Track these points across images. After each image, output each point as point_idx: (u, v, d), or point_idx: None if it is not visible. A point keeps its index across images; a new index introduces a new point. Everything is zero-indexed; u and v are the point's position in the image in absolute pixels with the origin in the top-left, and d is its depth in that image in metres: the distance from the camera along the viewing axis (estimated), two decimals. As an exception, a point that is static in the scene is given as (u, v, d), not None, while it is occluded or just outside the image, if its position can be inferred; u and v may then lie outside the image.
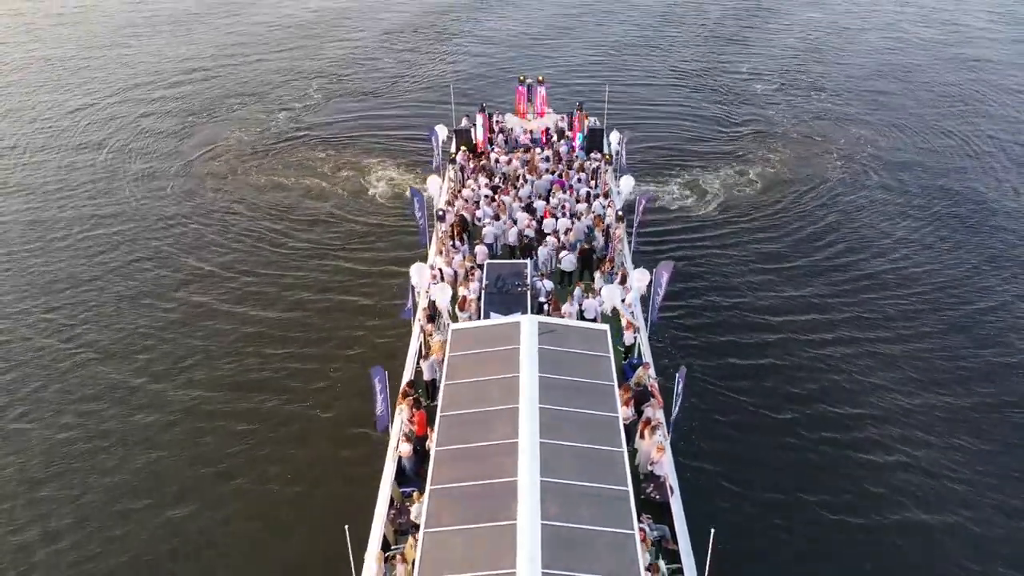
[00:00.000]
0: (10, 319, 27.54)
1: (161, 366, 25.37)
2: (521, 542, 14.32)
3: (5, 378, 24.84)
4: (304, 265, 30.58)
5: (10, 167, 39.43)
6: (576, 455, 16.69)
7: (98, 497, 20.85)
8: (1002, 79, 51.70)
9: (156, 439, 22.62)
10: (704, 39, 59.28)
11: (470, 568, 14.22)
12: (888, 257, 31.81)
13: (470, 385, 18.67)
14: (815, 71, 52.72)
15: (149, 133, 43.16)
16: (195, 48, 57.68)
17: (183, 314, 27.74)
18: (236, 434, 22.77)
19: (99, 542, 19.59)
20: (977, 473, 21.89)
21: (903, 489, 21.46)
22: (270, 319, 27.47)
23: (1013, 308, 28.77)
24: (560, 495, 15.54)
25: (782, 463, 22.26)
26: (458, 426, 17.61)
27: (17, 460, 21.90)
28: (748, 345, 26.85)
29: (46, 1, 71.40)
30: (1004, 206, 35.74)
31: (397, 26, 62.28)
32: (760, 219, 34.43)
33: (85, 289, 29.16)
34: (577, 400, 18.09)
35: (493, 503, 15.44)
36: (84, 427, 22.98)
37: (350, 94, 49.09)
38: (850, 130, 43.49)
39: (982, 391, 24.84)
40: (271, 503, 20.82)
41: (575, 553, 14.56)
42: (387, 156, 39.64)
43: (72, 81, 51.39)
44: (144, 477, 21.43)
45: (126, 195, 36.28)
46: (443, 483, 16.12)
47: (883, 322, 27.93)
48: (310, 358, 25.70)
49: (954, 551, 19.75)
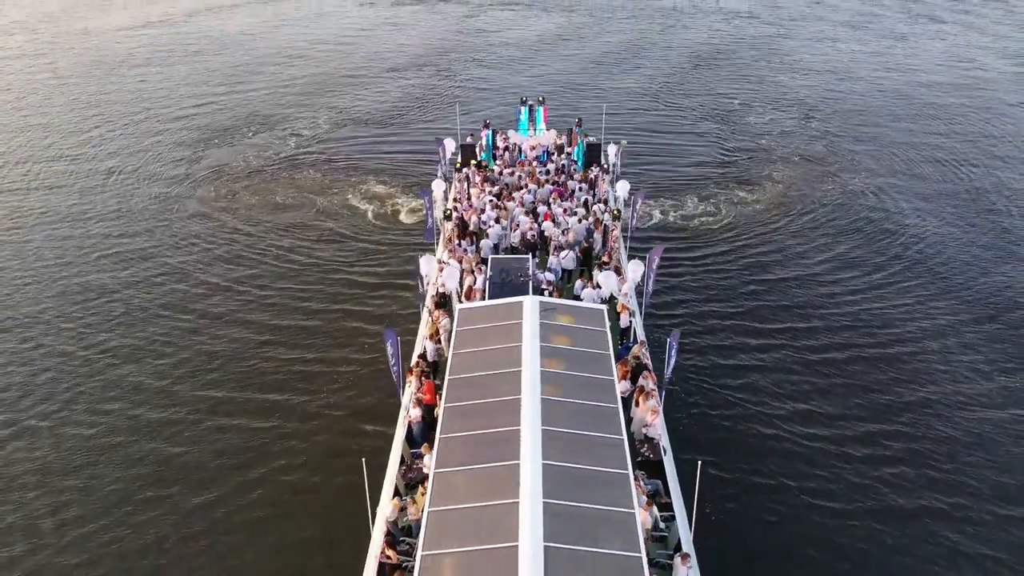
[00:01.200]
0: (42, 326, 28.56)
1: (183, 368, 26.08)
2: (524, 478, 15.29)
3: (38, 380, 25.80)
4: (313, 278, 31.60)
5: (30, 186, 41.15)
6: (575, 411, 17.79)
7: (126, 486, 21.58)
8: (990, 103, 53.89)
9: (179, 435, 23.33)
10: (696, 71, 61.61)
11: (476, 500, 15.32)
12: (879, 264, 33.18)
13: (476, 354, 19.93)
14: (807, 101, 54.87)
15: (163, 158, 44.88)
16: (208, 80, 60.04)
17: (199, 323, 28.60)
18: (254, 429, 23.42)
19: (130, 526, 20.19)
20: (963, 464, 22.63)
21: (891, 471, 22.38)
22: (282, 326, 28.43)
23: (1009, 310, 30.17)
24: (560, 441, 16.63)
25: (766, 436, 23.50)
26: (465, 387, 18.81)
27: (52, 453, 22.63)
28: (735, 321, 28.74)
29: (63, 25, 74.33)
30: (995, 222, 37.51)
31: (402, 63, 64.78)
32: (755, 228, 36.00)
33: (107, 301, 30.03)
34: (576, 366, 19.36)
35: (498, 448, 16.39)
36: (109, 423, 23.73)
37: (356, 122, 51.10)
38: (841, 154, 45.41)
39: (967, 389, 25.66)
40: (288, 487, 21.73)
41: (573, 488, 15.72)
42: (392, 178, 41.28)
43: (88, 105, 53.60)
44: (170, 468, 22.15)
45: (142, 215, 37.61)
46: (452, 433, 17.30)
47: (865, 325, 29.22)
48: (321, 361, 26.64)
49: (936, 536, 20.39)
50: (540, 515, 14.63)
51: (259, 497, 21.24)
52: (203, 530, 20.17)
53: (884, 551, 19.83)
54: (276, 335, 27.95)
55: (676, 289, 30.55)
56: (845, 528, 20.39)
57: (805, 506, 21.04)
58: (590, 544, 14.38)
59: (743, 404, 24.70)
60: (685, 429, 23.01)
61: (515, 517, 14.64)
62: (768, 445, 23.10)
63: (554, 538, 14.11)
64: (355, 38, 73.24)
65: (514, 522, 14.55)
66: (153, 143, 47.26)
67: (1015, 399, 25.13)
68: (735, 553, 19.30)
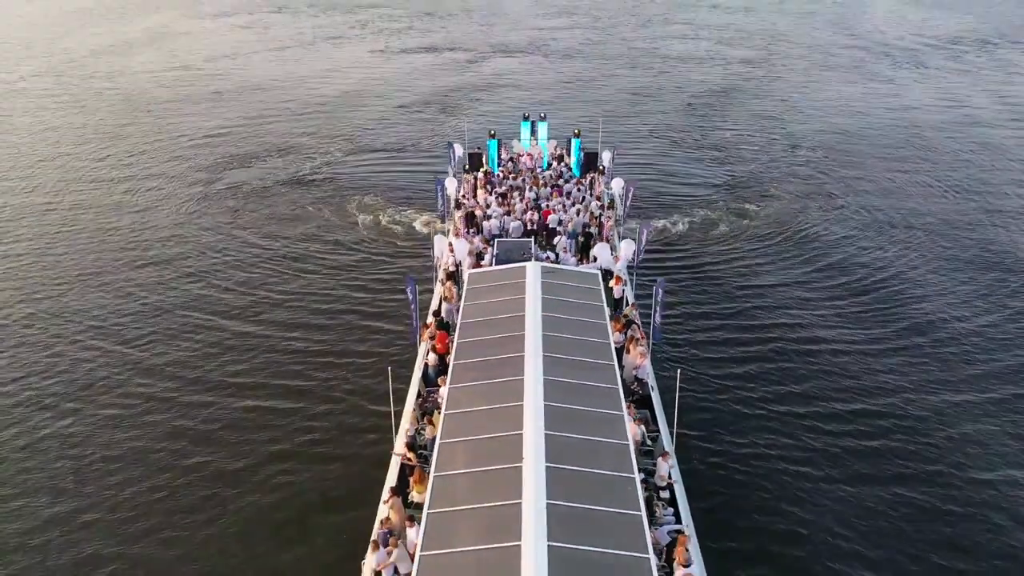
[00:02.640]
0: (86, 321, 31.22)
1: (212, 370, 28.44)
2: (527, 414, 17.02)
3: (87, 366, 28.17)
4: (326, 286, 34.00)
5: (66, 204, 44.29)
6: (572, 366, 19.50)
7: (170, 454, 23.75)
8: (970, 136, 57.08)
9: (218, 404, 25.87)
10: (692, 108, 65.07)
11: (484, 432, 17.04)
12: (868, 271, 36.20)
13: (484, 305, 22.54)
14: (795, 133, 58.12)
15: (185, 179, 48.20)
16: (226, 115, 63.58)
17: (221, 330, 30.85)
18: (275, 418, 25.75)
19: (161, 512, 21.86)
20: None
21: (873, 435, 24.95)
22: (300, 318, 31.36)
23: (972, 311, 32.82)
24: (559, 386, 18.34)
25: (738, 376, 27.57)
26: (474, 332, 21.34)
27: (85, 452, 24.14)
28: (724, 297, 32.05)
29: (88, 69, 78.19)
30: (964, 230, 40.51)
31: (409, 101, 68.40)
32: (749, 239, 39.29)
33: (137, 299, 32.99)
34: (574, 315, 21.92)
35: (504, 394, 18.14)
36: (135, 417, 25.86)
37: (366, 150, 54.48)
38: (825, 178, 48.63)
39: (949, 387, 27.54)
40: (326, 425, 24.40)
41: (570, 421, 17.56)
42: (399, 196, 44.33)
43: (113, 136, 57.01)
44: (211, 430, 24.69)
45: (167, 225, 40.64)
46: (461, 383, 19.13)
47: (852, 319, 31.98)
48: (341, 341, 29.48)
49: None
50: (542, 443, 16.36)
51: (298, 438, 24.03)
52: (258, 463, 23.07)
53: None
54: (295, 325, 30.71)
55: (676, 288, 33.24)
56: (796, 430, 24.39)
57: (764, 416, 25.45)
58: (586, 466, 15.97)
59: (722, 356, 28.99)
60: (669, 376, 25.37)
61: (519, 443, 16.24)
62: (739, 384, 27.24)
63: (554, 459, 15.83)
64: (366, 80, 77.06)
65: (519, 444, 16.26)
66: (174, 167, 50.56)
67: (986, 383, 27.77)
68: (710, 456, 23.38)
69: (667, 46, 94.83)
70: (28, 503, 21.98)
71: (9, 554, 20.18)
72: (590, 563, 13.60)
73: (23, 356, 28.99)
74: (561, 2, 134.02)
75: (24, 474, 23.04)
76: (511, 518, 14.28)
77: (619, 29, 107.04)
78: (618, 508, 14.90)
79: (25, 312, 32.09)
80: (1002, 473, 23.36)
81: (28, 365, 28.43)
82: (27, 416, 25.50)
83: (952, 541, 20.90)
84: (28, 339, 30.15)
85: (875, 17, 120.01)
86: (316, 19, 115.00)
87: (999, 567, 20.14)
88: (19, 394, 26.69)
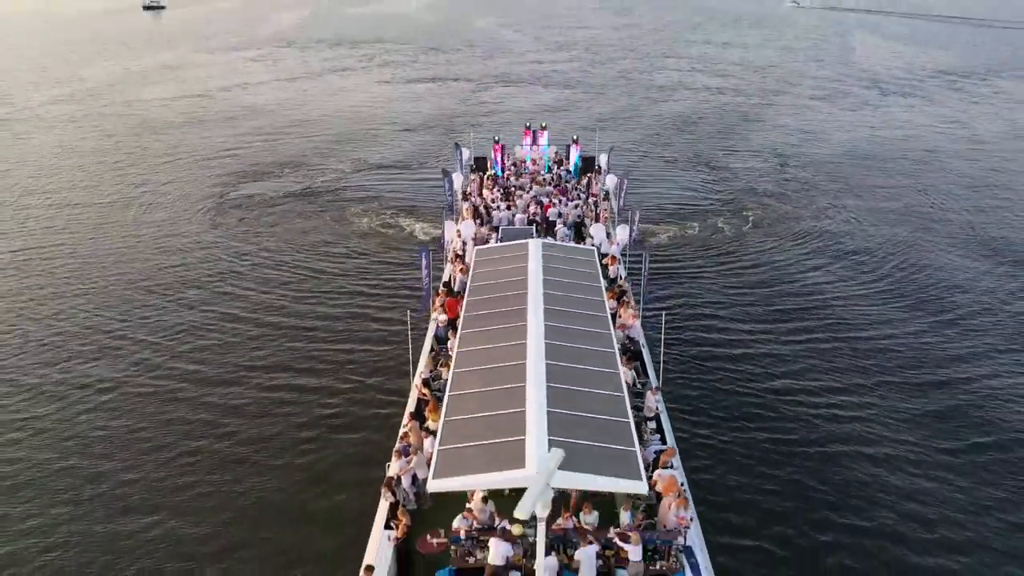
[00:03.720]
0: (108, 324, 33.24)
1: (238, 341, 30.93)
2: (529, 348, 19.16)
3: (105, 362, 30.27)
4: (338, 287, 35.96)
5: (90, 215, 46.88)
6: (571, 318, 21.78)
7: (196, 428, 25.47)
8: (943, 154, 59.98)
9: (228, 417, 27.46)
10: (684, 130, 68.02)
11: (491, 363, 19.13)
12: (841, 265, 38.93)
13: (490, 274, 24.89)
14: (783, 152, 60.97)
15: (204, 194, 50.73)
16: (241, 136, 66.46)
17: (240, 325, 32.63)
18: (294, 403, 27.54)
19: (220, 454, 23.88)
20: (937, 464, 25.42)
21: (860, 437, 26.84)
22: (317, 309, 33.69)
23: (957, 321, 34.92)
24: (559, 331, 20.65)
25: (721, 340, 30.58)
26: (482, 293, 23.68)
27: (126, 422, 25.87)
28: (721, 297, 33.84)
29: (106, 98, 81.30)
30: (935, 231, 43.14)
31: (414, 124, 71.53)
32: (738, 239, 41.97)
33: (159, 295, 35.07)
34: (572, 280, 24.26)
35: (509, 335, 20.29)
36: (178, 378, 28.12)
37: (373, 167, 57.15)
38: (810, 190, 51.36)
39: (937, 397, 28.31)
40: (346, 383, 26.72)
41: (568, 357, 19.85)
42: (405, 207, 46.79)
43: (133, 155, 59.75)
44: (240, 405, 26.60)
45: (191, 240, 43.00)
46: (472, 328, 21.56)
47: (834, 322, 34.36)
48: (353, 326, 31.83)
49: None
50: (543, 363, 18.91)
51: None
52: (282, 431, 25.02)
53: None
54: (310, 316, 32.96)
55: (674, 284, 35.81)
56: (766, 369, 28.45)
57: (737, 359, 29.86)
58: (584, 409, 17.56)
59: (708, 324, 32.26)
60: (656, 331, 27.67)
61: (523, 369, 18.40)
62: (717, 335, 31.63)
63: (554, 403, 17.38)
64: (372, 105, 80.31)
65: (523, 369, 18.43)
66: (191, 181, 53.14)
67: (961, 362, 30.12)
68: (690, 391, 27.00)
69: (663, 77, 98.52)
70: (71, 468, 23.54)
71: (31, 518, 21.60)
72: (582, 423, 16.25)
73: (63, 343, 30.80)
74: (560, 39, 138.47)
75: (70, 440, 24.86)
76: (516, 420, 16.49)
77: (617, 63, 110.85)
78: (609, 416, 17.13)
79: (61, 308, 33.85)
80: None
81: (71, 350, 30.32)
82: (69, 393, 27.46)
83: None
84: (66, 329, 31.99)
85: (861, 52, 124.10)
86: (323, 53, 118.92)
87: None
88: (66, 373, 28.57)
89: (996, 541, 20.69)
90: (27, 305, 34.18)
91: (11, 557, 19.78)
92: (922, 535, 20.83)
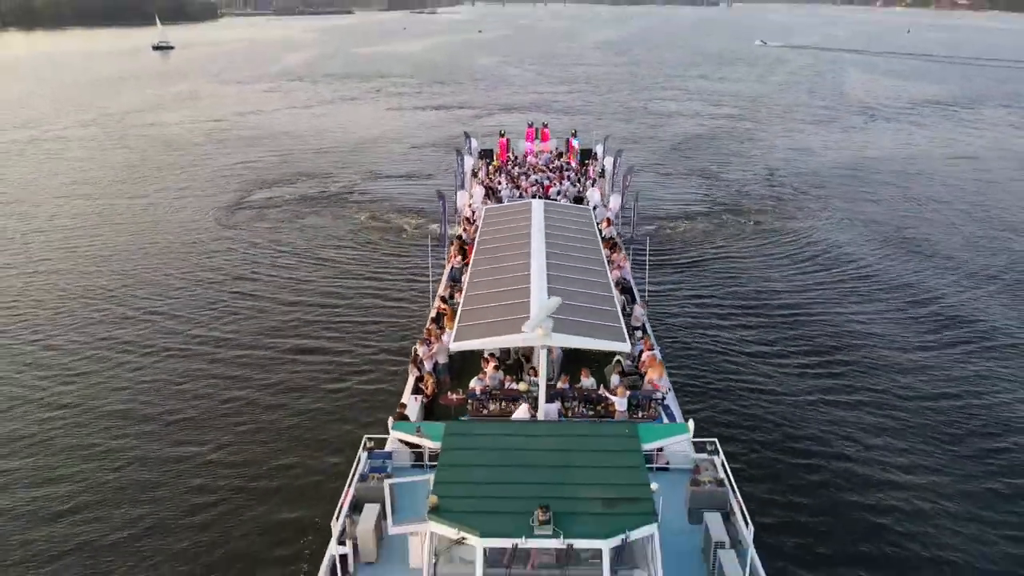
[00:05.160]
0: (142, 313, 36.04)
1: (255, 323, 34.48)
2: (533, 263, 22.56)
3: (137, 349, 33.49)
4: (351, 280, 38.77)
5: (116, 221, 50.52)
6: (570, 256, 25.29)
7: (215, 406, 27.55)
8: (925, 171, 63.70)
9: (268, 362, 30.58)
10: (681, 148, 71.92)
11: (502, 274, 22.76)
12: (821, 267, 41.91)
13: (498, 227, 28.20)
14: (773, 166, 64.75)
15: (224, 202, 54.48)
16: (258, 151, 70.50)
17: (259, 317, 35.07)
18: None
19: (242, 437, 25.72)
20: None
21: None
22: (327, 309, 35.94)
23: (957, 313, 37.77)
24: (560, 256, 24.28)
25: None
26: (491, 239, 26.98)
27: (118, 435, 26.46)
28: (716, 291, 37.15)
29: (128, 122, 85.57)
30: (912, 241, 46.63)
31: (422, 142, 75.64)
32: (728, 241, 45.31)
33: (179, 288, 37.95)
34: (571, 230, 27.60)
35: (516, 258, 23.74)
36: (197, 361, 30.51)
37: (382, 176, 61.11)
38: (797, 199, 55.10)
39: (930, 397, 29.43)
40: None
41: (567, 266, 23.41)
42: (410, 210, 50.39)
43: (157, 168, 63.69)
44: (260, 379, 29.18)
45: (207, 233, 46.70)
46: (484, 255, 25.08)
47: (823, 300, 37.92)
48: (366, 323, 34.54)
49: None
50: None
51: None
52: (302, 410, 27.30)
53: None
54: (324, 307, 35.80)
55: (673, 282, 39.01)
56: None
57: (710, 281, 37.04)
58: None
59: (686, 264, 38.03)
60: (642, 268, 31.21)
61: (527, 275, 21.91)
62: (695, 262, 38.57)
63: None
64: (382, 127, 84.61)
65: (527, 274, 22.24)
66: (212, 191, 56.82)
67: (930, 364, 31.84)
68: (672, 305, 32.97)
69: (659, 105, 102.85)
70: (102, 450, 25.06)
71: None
72: (578, 305, 19.50)
73: (99, 333, 33.11)
74: (561, 74, 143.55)
75: (102, 420, 26.70)
76: (521, 297, 19.98)
77: (616, 93, 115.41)
78: (600, 302, 20.45)
79: (95, 304, 36.35)
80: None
81: (108, 339, 32.68)
82: (117, 358, 30.68)
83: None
84: (104, 320, 34.54)
85: (850, 84, 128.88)
86: (332, 86, 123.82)
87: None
88: (101, 362, 30.55)
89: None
90: (67, 288, 37.71)
91: None
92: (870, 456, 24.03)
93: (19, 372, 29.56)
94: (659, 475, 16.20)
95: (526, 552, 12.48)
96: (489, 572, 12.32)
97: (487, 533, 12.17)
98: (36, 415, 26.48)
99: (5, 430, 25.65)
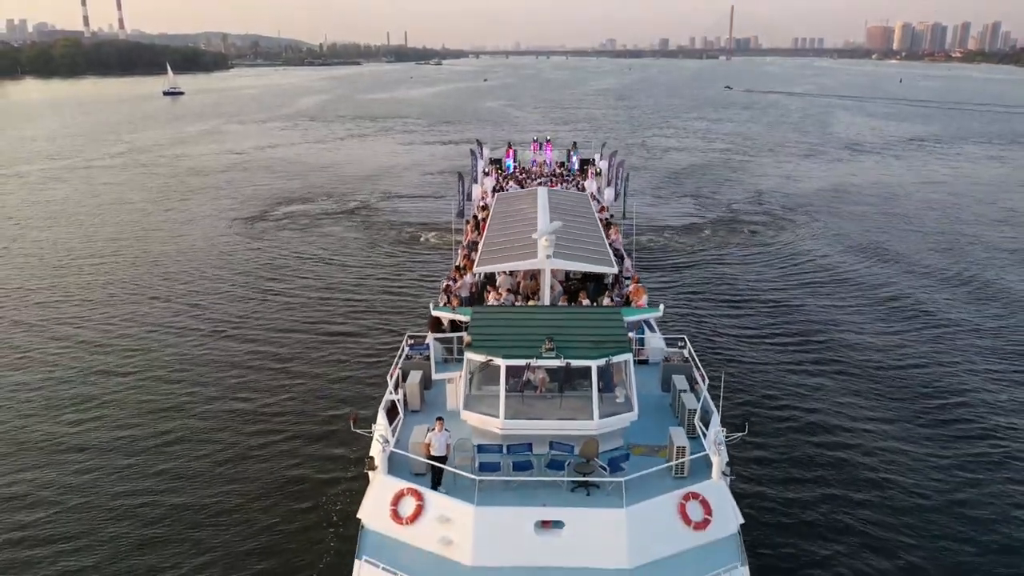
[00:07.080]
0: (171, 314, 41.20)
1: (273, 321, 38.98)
2: (540, 220, 27.79)
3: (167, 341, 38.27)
4: (363, 281, 42.38)
5: (149, 232, 55.53)
6: (571, 222, 30.38)
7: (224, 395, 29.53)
8: (905, 193, 68.84)
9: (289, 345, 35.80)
10: (677, 175, 77.18)
11: (513, 232, 27.69)
12: (841, 272, 46.80)
13: (508, 207, 33.05)
14: (763, 188, 69.86)
15: (248, 218, 59.59)
16: (278, 177, 75.79)
17: (278, 314, 38.79)
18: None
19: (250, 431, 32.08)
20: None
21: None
22: (340, 303, 40.40)
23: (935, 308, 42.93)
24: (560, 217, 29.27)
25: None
26: (502, 214, 31.77)
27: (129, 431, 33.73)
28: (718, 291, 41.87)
29: (153, 154, 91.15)
30: (890, 247, 51.56)
31: (433, 170, 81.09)
32: (720, 249, 50.08)
33: (200, 286, 42.75)
34: (572, 208, 32.46)
35: (524, 223, 28.92)
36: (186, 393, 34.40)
37: (397, 196, 66.14)
38: (785, 215, 60.10)
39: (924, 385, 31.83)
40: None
41: (567, 229, 28.10)
42: (422, 223, 55.16)
43: (185, 192, 68.94)
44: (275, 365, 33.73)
45: (229, 243, 51.57)
46: (497, 221, 29.99)
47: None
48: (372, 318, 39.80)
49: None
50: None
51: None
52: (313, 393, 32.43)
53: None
54: (334, 303, 39.34)
55: (667, 282, 43.74)
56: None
57: (699, 239, 34.37)
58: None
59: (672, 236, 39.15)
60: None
61: (534, 224, 26.91)
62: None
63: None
64: (394, 158, 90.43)
65: (533, 223, 26.93)
66: (236, 211, 61.66)
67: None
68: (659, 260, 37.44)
69: (656, 141, 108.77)
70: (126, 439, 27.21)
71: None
72: (577, 243, 24.03)
73: (132, 331, 35.33)
74: (563, 115, 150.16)
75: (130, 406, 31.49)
76: (529, 230, 24.61)
77: (614, 131, 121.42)
78: (594, 242, 25.24)
79: (134, 307, 41.37)
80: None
81: (141, 334, 35.43)
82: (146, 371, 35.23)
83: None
84: (138, 318, 37.46)
85: (838, 124, 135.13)
86: (345, 125, 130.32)
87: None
88: (132, 358, 35.67)
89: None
90: (102, 292, 40.90)
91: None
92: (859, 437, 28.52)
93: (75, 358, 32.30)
94: (640, 367, 20.67)
95: (536, 380, 17.02)
96: (509, 395, 16.81)
97: (508, 356, 16.72)
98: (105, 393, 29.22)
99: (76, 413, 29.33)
